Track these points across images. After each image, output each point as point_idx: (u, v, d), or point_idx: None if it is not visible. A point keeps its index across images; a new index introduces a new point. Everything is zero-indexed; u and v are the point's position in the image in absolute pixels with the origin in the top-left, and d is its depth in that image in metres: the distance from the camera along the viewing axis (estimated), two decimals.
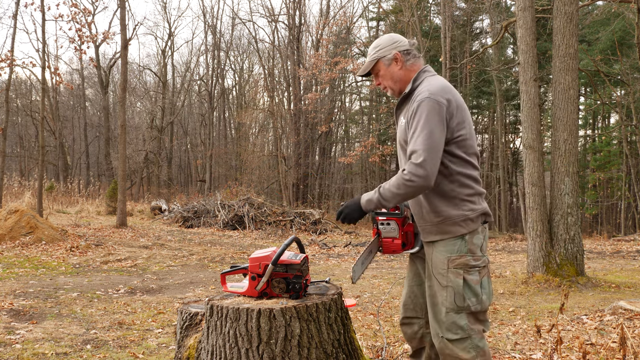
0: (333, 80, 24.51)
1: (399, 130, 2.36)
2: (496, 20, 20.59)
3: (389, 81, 2.39)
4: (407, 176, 2.16)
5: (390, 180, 2.23)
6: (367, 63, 2.40)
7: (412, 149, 2.17)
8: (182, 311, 2.42)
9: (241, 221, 16.64)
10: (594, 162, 22.69)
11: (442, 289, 2.26)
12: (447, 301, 2.25)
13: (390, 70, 2.37)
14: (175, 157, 35.75)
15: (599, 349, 3.62)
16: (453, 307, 2.24)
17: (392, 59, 2.36)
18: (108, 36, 18.31)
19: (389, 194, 2.22)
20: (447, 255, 2.26)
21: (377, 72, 2.40)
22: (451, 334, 2.23)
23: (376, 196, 2.25)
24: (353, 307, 5.58)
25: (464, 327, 2.24)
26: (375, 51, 2.38)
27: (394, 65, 2.37)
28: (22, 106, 31.74)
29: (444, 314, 2.25)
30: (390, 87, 2.40)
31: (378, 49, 2.37)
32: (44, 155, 15.45)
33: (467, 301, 2.24)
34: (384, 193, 2.23)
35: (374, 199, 2.26)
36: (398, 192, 2.21)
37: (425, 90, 2.24)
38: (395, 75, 2.37)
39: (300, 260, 2.16)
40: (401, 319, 2.55)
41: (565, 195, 7.09)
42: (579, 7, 7.61)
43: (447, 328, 2.24)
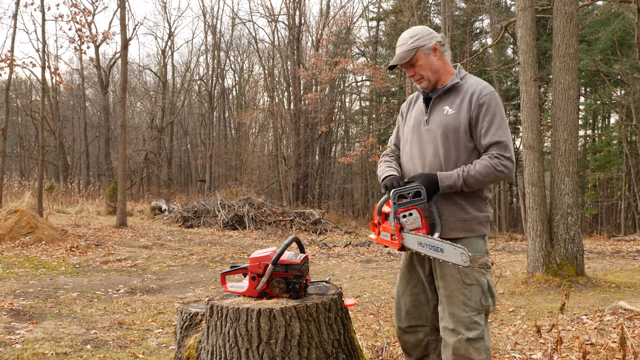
0: (333, 80, 24.51)
1: (440, 118, 2.34)
2: (496, 20, 20.59)
3: (427, 71, 2.36)
4: (499, 166, 2.23)
5: (475, 167, 2.23)
6: (406, 51, 2.34)
7: (497, 139, 2.25)
8: (182, 311, 2.42)
9: (241, 221, 16.64)
10: (594, 162, 22.69)
11: (466, 287, 2.25)
12: (472, 300, 2.25)
13: (430, 60, 2.35)
14: (175, 157, 35.74)
15: (599, 349, 3.62)
16: (478, 306, 2.25)
17: (431, 48, 2.35)
18: (108, 36, 18.31)
19: (474, 180, 2.23)
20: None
21: (415, 61, 2.35)
22: (471, 333, 2.23)
23: (460, 182, 2.23)
24: (353, 307, 5.58)
25: (482, 325, 2.26)
26: (413, 40, 2.34)
27: (432, 55, 2.36)
28: (22, 106, 31.74)
29: (467, 312, 2.24)
30: (428, 77, 2.37)
31: (416, 38, 2.34)
32: (44, 155, 15.45)
33: (488, 300, 2.28)
34: (468, 179, 2.23)
35: (455, 183, 2.23)
36: (483, 180, 2.24)
37: (484, 84, 2.34)
38: (434, 66, 2.36)
39: (300, 260, 2.16)
40: (404, 328, 2.49)
41: (565, 195, 7.09)
42: (579, 7, 7.61)
43: (467, 327, 2.23)
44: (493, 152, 2.25)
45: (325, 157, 28.90)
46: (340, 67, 20.38)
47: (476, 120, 2.29)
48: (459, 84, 2.36)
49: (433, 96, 2.40)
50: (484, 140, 2.27)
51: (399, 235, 2.19)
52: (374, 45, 27.69)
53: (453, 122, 2.30)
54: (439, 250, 2.14)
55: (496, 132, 2.25)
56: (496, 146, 2.24)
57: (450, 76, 2.40)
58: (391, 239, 2.23)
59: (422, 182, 2.22)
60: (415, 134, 2.43)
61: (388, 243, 2.25)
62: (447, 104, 2.35)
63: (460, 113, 2.30)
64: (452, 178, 2.23)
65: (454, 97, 2.35)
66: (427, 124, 2.38)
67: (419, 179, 2.24)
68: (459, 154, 2.31)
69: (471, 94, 2.30)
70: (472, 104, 2.29)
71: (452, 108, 2.32)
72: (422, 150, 2.39)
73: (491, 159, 2.24)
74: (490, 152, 2.25)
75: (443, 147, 2.31)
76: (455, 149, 2.31)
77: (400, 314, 2.49)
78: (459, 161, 2.30)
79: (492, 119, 2.26)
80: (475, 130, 2.30)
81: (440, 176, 2.24)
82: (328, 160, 28.97)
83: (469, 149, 2.32)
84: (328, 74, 21.05)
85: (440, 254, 2.13)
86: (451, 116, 2.32)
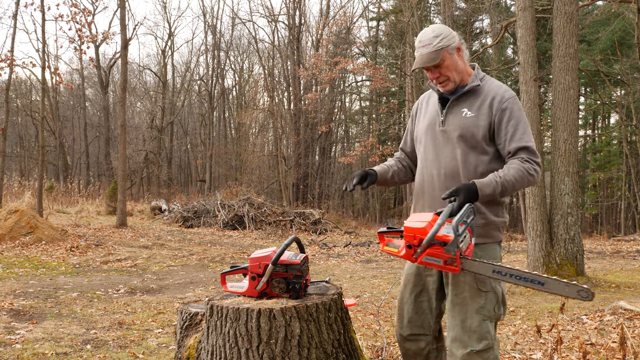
0: (333, 80, 24.52)
1: (458, 120, 2.28)
2: (496, 20, 20.59)
3: (452, 72, 2.27)
4: (532, 171, 2.18)
5: (509, 172, 2.15)
6: (434, 52, 2.22)
7: (524, 144, 2.20)
8: (182, 311, 2.42)
9: (241, 221, 16.64)
10: (594, 162, 22.69)
11: (481, 295, 2.19)
12: (486, 309, 2.19)
13: (454, 60, 2.27)
14: (175, 157, 35.74)
15: (599, 349, 3.62)
16: (491, 314, 2.20)
17: (456, 48, 2.27)
18: (108, 36, 18.32)
19: (510, 186, 2.16)
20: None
21: (441, 62, 2.24)
22: (481, 344, 2.17)
23: (498, 189, 2.14)
24: (353, 307, 5.58)
25: (492, 335, 2.20)
26: (439, 40, 2.23)
27: (456, 55, 2.28)
28: (22, 106, 31.74)
29: (479, 322, 2.18)
30: (452, 78, 2.28)
31: (442, 38, 2.23)
32: (44, 155, 15.45)
33: (501, 309, 2.23)
34: (505, 184, 2.15)
35: (494, 191, 2.14)
36: (517, 185, 2.17)
37: (505, 88, 2.29)
38: (459, 66, 2.28)
39: (300, 260, 2.16)
40: (406, 335, 2.42)
41: (565, 195, 7.09)
42: (579, 7, 7.61)
43: (477, 338, 2.17)
44: (522, 155, 2.19)
45: (325, 157, 28.90)
46: (340, 67, 20.38)
47: (499, 125, 2.23)
48: (479, 87, 2.29)
49: (451, 97, 2.32)
50: (510, 146, 2.21)
51: (459, 261, 2.03)
52: (374, 45, 27.70)
53: (472, 125, 2.24)
54: (537, 283, 1.98)
55: (522, 137, 2.20)
56: (524, 151, 2.19)
57: (468, 77, 2.33)
58: (445, 264, 2.03)
59: (466, 196, 2.08)
60: (430, 135, 2.36)
61: (440, 267, 2.06)
62: (466, 106, 2.28)
63: (479, 116, 2.24)
64: (491, 186, 2.13)
65: (473, 99, 2.28)
66: (442, 125, 2.32)
67: (463, 193, 2.09)
68: (478, 157, 2.25)
69: (492, 98, 2.25)
70: (494, 108, 2.23)
71: (471, 111, 2.26)
72: (437, 152, 2.32)
73: (523, 162, 2.17)
74: (520, 156, 2.19)
75: (461, 150, 2.25)
76: (474, 152, 2.25)
77: (403, 321, 2.43)
78: (478, 166, 2.25)
79: (517, 124, 2.21)
80: (499, 135, 2.23)
81: (479, 185, 2.12)
82: (328, 160, 28.97)
83: (488, 153, 2.26)
84: (328, 74, 21.05)
85: (540, 286, 1.98)
86: (470, 119, 2.25)
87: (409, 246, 2.06)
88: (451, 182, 2.26)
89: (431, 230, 1.98)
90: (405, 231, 2.06)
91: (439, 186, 2.31)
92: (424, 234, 2.01)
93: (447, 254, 1.99)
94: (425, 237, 1.98)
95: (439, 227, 1.99)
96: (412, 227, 2.06)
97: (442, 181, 2.30)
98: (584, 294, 1.90)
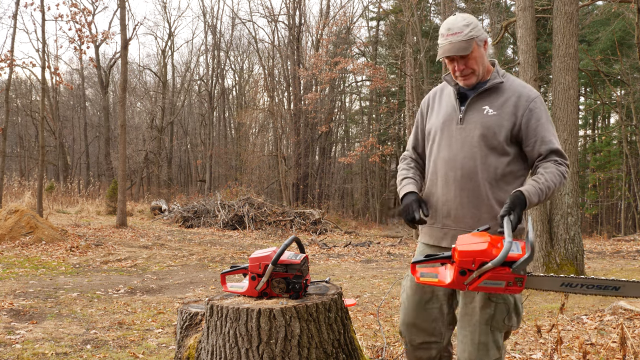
0: (333, 80, 24.51)
1: (479, 117, 2.16)
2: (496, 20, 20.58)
3: (479, 65, 2.15)
4: (565, 174, 2.12)
5: (549, 177, 2.06)
6: (465, 41, 2.09)
7: (556, 147, 2.12)
8: (182, 311, 2.42)
9: (241, 221, 16.64)
10: (594, 162, 22.70)
11: (490, 305, 2.11)
12: (495, 320, 2.11)
13: (482, 53, 2.15)
14: (175, 157, 35.74)
15: (599, 349, 3.62)
16: (500, 326, 2.12)
17: (484, 40, 2.15)
18: (108, 36, 18.30)
19: (550, 191, 2.07)
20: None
21: (471, 52, 2.11)
22: (488, 357, 2.11)
23: (543, 196, 2.04)
24: (353, 307, 5.58)
25: (501, 346, 2.15)
26: (470, 29, 2.10)
27: (482, 48, 2.16)
28: (22, 106, 31.74)
29: (487, 333, 2.11)
30: (477, 72, 2.16)
31: (472, 27, 2.11)
32: (44, 155, 15.45)
33: (512, 320, 2.14)
34: (547, 190, 2.05)
35: (539, 198, 2.03)
36: (555, 188, 2.09)
37: (530, 87, 2.20)
38: (484, 59, 2.17)
39: (300, 260, 2.16)
40: (418, 344, 2.33)
41: (565, 195, 7.09)
42: (579, 7, 7.62)
43: (485, 351, 2.11)
44: (555, 158, 2.11)
45: (325, 157, 28.90)
46: (340, 67, 20.38)
47: (527, 126, 2.12)
48: (502, 84, 2.17)
49: (470, 94, 2.19)
50: (541, 148, 2.12)
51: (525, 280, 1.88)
52: (374, 45, 27.70)
53: (495, 123, 2.12)
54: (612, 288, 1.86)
55: (552, 140, 2.12)
56: (557, 153, 2.12)
57: (488, 73, 2.21)
58: (507, 286, 1.87)
59: (522, 209, 1.97)
60: (446, 132, 2.22)
61: (501, 290, 1.89)
62: (487, 103, 2.16)
63: (502, 115, 2.13)
64: (536, 194, 2.01)
65: (496, 97, 2.16)
66: (461, 122, 2.18)
67: (519, 207, 1.96)
68: (498, 159, 2.14)
69: (517, 97, 2.14)
70: (521, 108, 2.12)
71: (493, 109, 2.14)
72: (454, 151, 2.19)
73: (557, 165, 2.09)
74: (552, 159, 2.11)
75: (481, 151, 2.13)
76: (494, 153, 2.14)
77: (411, 329, 2.33)
78: (498, 167, 2.14)
79: (546, 125, 2.13)
80: (527, 137, 2.13)
81: (527, 195, 1.99)
82: (328, 160, 28.97)
83: (509, 154, 2.15)
84: (328, 74, 21.05)
85: (614, 291, 1.86)
86: (493, 117, 2.13)
87: (462, 272, 1.88)
88: (468, 184, 2.15)
89: (503, 250, 1.81)
90: (460, 256, 1.88)
91: (454, 188, 2.19)
92: (487, 256, 1.84)
93: (516, 273, 1.83)
94: (490, 259, 1.82)
95: (511, 245, 1.83)
96: (469, 250, 1.88)
97: (459, 182, 2.18)
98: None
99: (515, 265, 1.81)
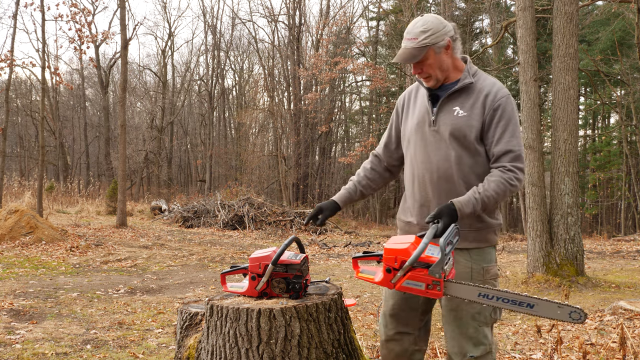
0: (333, 80, 24.52)
1: (450, 119, 2.17)
2: (496, 20, 20.59)
3: (436, 70, 2.15)
4: (514, 180, 2.08)
5: (490, 186, 2.06)
6: (416, 49, 2.11)
7: (511, 148, 2.10)
8: (182, 311, 2.42)
9: (241, 221, 16.64)
10: (594, 162, 22.70)
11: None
12: (482, 314, 2.12)
13: (440, 59, 2.15)
14: (175, 157, 35.76)
15: (599, 349, 3.62)
16: (487, 320, 2.14)
17: (443, 46, 2.14)
18: (108, 36, 18.31)
19: (491, 201, 2.07)
20: (482, 265, 2.16)
21: (424, 60, 2.13)
22: (478, 351, 2.12)
23: (478, 207, 2.05)
24: (353, 307, 5.58)
25: (490, 340, 2.16)
26: (425, 36, 2.10)
27: (444, 54, 2.15)
28: (22, 106, 31.75)
29: (475, 328, 2.12)
30: (436, 76, 2.17)
31: (429, 34, 2.10)
32: (44, 155, 15.45)
33: (497, 313, 2.17)
34: (485, 200, 2.05)
35: (475, 209, 2.05)
36: (499, 198, 2.07)
37: (499, 85, 2.19)
38: (444, 64, 2.16)
39: (300, 260, 2.16)
40: (391, 335, 2.31)
41: (565, 195, 7.09)
42: (579, 7, 7.62)
43: (474, 344, 2.12)
44: (505, 163, 2.09)
45: (325, 157, 28.91)
46: (340, 67, 20.39)
47: (489, 124, 2.12)
48: (472, 84, 2.17)
49: (442, 95, 2.20)
50: (496, 148, 2.11)
51: (442, 284, 1.91)
52: (374, 45, 27.70)
53: (465, 124, 2.13)
54: (526, 305, 1.86)
55: (510, 140, 2.10)
56: (509, 155, 2.09)
57: (459, 73, 2.21)
58: (426, 289, 1.91)
59: (450, 217, 2.00)
60: (419, 135, 2.24)
61: (421, 293, 1.93)
62: (458, 104, 2.17)
63: (472, 116, 2.14)
64: (470, 204, 2.04)
65: (466, 97, 2.17)
66: (433, 124, 2.20)
67: (445, 215, 2.00)
68: (472, 159, 2.15)
69: (485, 96, 2.14)
70: (487, 107, 2.13)
71: (464, 109, 2.15)
72: (428, 153, 2.20)
73: (504, 172, 2.08)
74: (502, 164, 2.10)
75: (454, 152, 2.15)
76: (468, 153, 2.15)
77: (387, 319, 2.33)
78: (473, 167, 2.16)
79: (507, 125, 2.11)
80: (487, 135, 2.14)
81: (458, 206, 2.03)
82: (328, 160, 28.97)
83: (482, 155, 2.17)
84: (328, 74, 21.05)
85: (529, 309, 1.87)
86: (463, 118, 2.14)
87: (388, 270, 1.93)
88: (444, 185, 2.17)
89: (416, 250, 1.88)
90: (385, 253, 1.94)
91: (431, 190, 2.21)
92: (406, 255, 1.89)
93: (431, 276, 1.87)
94: (408, 259, 1.88)
95: (425, 246, 1.88)
96: (393, 248, 1.93)
97: (435, 184, 2.19)
98: (575, 315, 1.80)
99: (431, 269, 1.85)
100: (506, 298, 1.89)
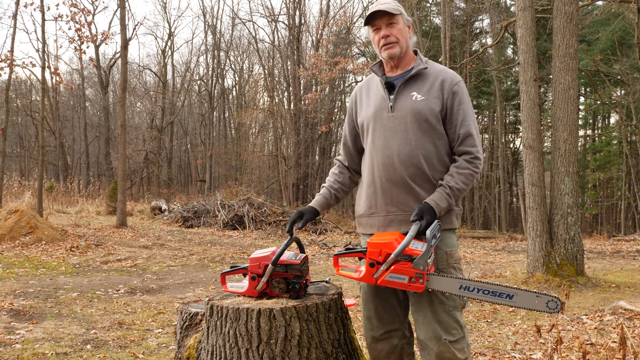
0: (333, 80, 24.51)
1: (409, 103, 2.22)
2: (496, 20, 20.58)
3: (403, 39, 2.25)
4: (477, 168, 2.19)
5: (454, 177, 2.16)
6: (393, 7, 2.23)
7: (472, 131, 2.20)
8: (182, 311, 2.42)
9: (241, 221, 16.64)
10: (594, 162, 22.69)
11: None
12: (451, 299, 2.16)
13: (405, 32, 2.28)
14: (175, 157, 35.76)
15: (599, 349, 3.62)
16: (457, 303, 2.18)
17: (408, 24, 2.31)
18: (108, 36, 18.32)
19: (460, 192, 2.17)
20: (445, 250, 2.20)
21: (395, 23, 2.24)
22: (451, 336, 2.15)
23: (453, 199, 2.15)
24: (353, 307, 5.58)
25: (462, 324, 2.19)
26: (396, 4, 2.25)
27: (407, 31, 2.29)
28: (22, 106, 31.74)
29: (446, 313, 2.15)
30: (400, 44, 2.24)
31: (400, 6, 2.27)
32: (44, 155, 15.44)
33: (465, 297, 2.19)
34: (456, 193, 2.16)
35: (449, 202, 2.15)
36: (466, 187, 2.18)
37: (452, 72, 2.28)
38: (408, 40, 2.29)
39: (300, 260, 2.16)
40: (378, 335, 2.31)
41: (565, 195, 7.09)
42: (579, 7, 7.61)
43: (446, 329, 2.14)
44: (468, 147, 2.19)
45: (325, 157, 28.91)
46: (340, 67, 20.38)
47: (451, 108, 2.21)
48: (427, 70, 2.26)
49: (397, 83, 2.26)
50: (460, 130, 2.20)
51: (425, 278, 1.96)
52: None
53: (424, 107, 2.19)
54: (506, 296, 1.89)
55: (471, 124, 2.21)
56: (470, 139, 2.19)
57: (411, 61, 2.31)
58: (409, 282, 1.94)
59: (431, 215, 2.07)
60: (378, 122, 2.26)
61: (403, 286, 1.96)
62: (415, 89, 2.23)
63: (430, 99, 2.20)
64: (444, 200, 2.13)
65: (422, 82, 2.24)
66: (392, 110, 2.23)
67: (427, 212, 2.07)
68: (434, 141, 2.21)
69: (442, 81, 2.22)
70: (445, 91, 2.21)
71: (421, 94, 2.21)
72: (387, 139, 2.23)
73: (469, 162, 2.18)
74: (466, 149, 2.19)
75: (415, 135, 2.19)
76: (429, 136, 2.20)
77: (372, 322, 2.32)
78: (436, 149, 2.21)
79: (467, 109, 2.22)
80: (451, 118, 2.21)
81: (434, 204, 2.10)
82: (328, 160, 28.97)
83: (443, 137, 2.23)
84: (328, 74, 21.05)
85: (508, 300, 1.89)
86: (422, 102, 2.20)
87: (371, 264, 1.97)
88: (408, 169, 2.19)
89: (402, 243, 1.91)
90: (369, 247, 1.99)
91: (394, 174, 2.22)
92: (391, 248, 1.93)
93: (416, 268, 1.90)
94: (393, 252, 1.91)
95: (410, 239, 1.92)
96: (377, 242, 1.97)
97: (398, 169, 2.21)
98: (552, 304, 1.83)
99: (415, 261, 1.90)
100: (486, 289, 1.93)
